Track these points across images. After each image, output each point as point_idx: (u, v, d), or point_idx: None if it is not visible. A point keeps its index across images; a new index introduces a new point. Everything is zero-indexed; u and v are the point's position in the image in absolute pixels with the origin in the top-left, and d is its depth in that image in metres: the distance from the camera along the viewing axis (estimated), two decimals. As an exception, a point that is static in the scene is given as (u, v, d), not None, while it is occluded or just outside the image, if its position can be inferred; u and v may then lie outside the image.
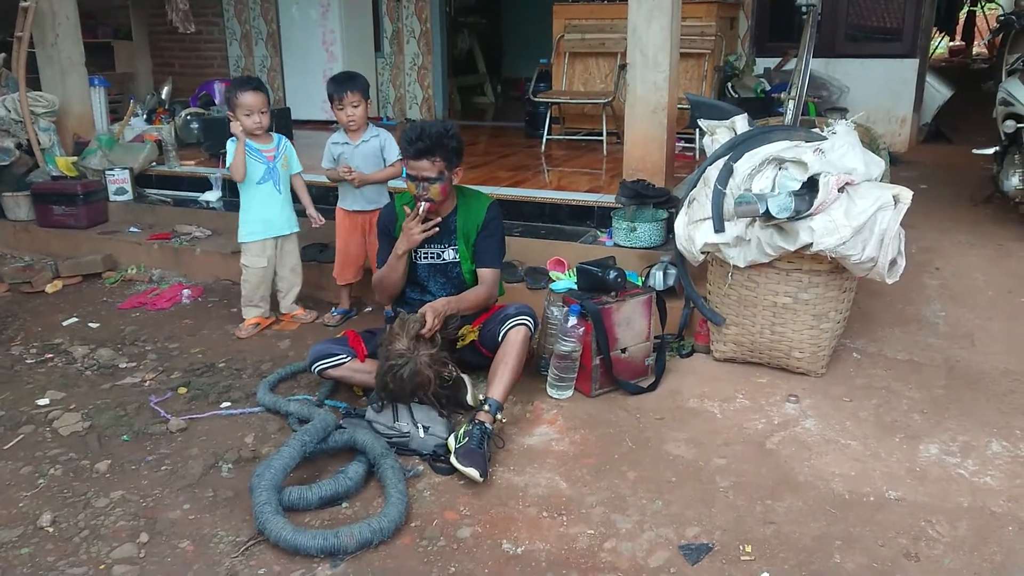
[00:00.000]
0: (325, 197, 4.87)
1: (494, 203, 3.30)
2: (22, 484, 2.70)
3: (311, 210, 4.07)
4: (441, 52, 8.26)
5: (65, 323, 4.16)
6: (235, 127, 3.76)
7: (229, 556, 2.32)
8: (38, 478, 2.73)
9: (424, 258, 3.29)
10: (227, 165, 3.87)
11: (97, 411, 3.20)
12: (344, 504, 2.56)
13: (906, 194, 2.99)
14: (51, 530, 2.45)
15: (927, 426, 2.97)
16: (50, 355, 3.75)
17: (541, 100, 6.32)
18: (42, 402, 3.28)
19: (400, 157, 3.96)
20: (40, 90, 5.75)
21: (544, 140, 6.25)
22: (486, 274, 3.26)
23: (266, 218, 3.93)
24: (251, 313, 4.00)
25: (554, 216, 4.57)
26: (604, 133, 5.99)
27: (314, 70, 7.85)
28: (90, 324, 4.14)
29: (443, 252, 3.28)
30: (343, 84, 3.83)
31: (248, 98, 3.75)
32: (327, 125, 7.72)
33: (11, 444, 2.96)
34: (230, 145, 3.84)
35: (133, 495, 2.63)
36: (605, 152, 5.91)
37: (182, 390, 3.38)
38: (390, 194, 3.99)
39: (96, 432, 3.04)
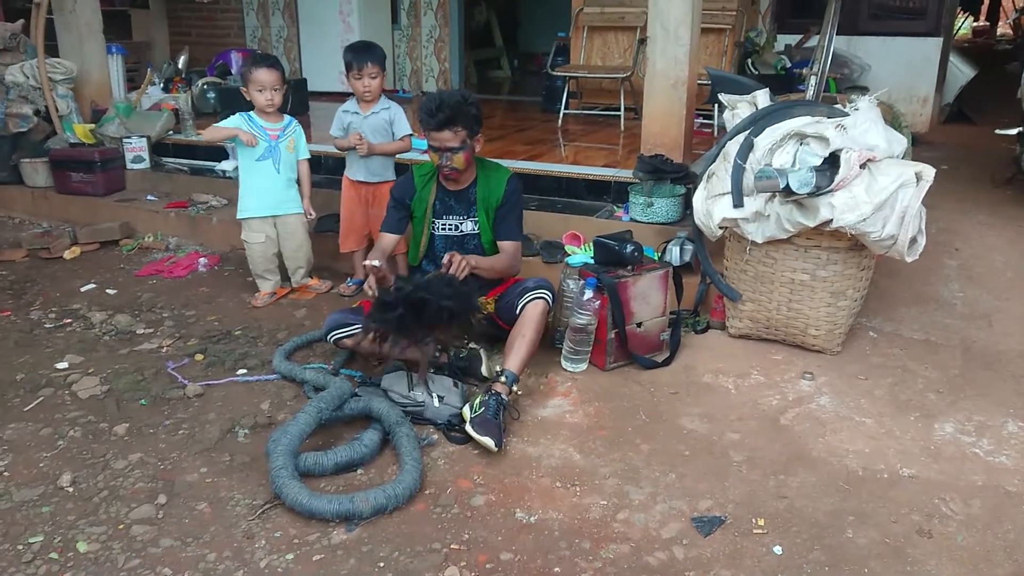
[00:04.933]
0: (340, 168, 4.87)
1: (513, 175, 3.29)
2: (42, 445, 2.73)
3: (305, 202, 4.00)
4: (458, 25, 8.21)
5: (83, 289, 4.19)
6: (247, 135, 3.76)
7: (246, 519, 2.35)
8: (58, 440, 2.77)
9: (441, 229, 3.29)
10: (213, 125, 3.90)
11: (115, 375, 3.22)
12: (359, 471, 2.59)
13: (929, 172, 2.96)
14: (71, 490, 2.48)
15: (942, 405, 2.96)
16: (68, 320, 3.78)
17: (559, 74, 6.28)
18: (61, 366, 3.31)
19: (409, 132, 3.95)
20: (58, 57, 5.75)
21: (561, 115, 6.21)
22: (507, 246, 3.27)
23: (262, 196, 3.91)
24: (263, 285, 4.01)
25: (570, 190, 4.55)
26: (622, 108, 5.95)
27: (331, 41, 7.81)
28: (108, 290, 4.17)
29: (462, 224, 3.27)
30: (362, 54, 3.79)
31: (262, 75, 3.73)
32: (343, 97, 7.67)
33: (31, 406, 2.99)
34: (236, 117, 3.83)
35: (151, 458, 2.66)
36: (622, 127, 5.88)
37: (199, 356, 3.40)
38: (396, 168, 3.99)
39: (114, 396, 3.07)
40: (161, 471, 2.59)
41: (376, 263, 2.95)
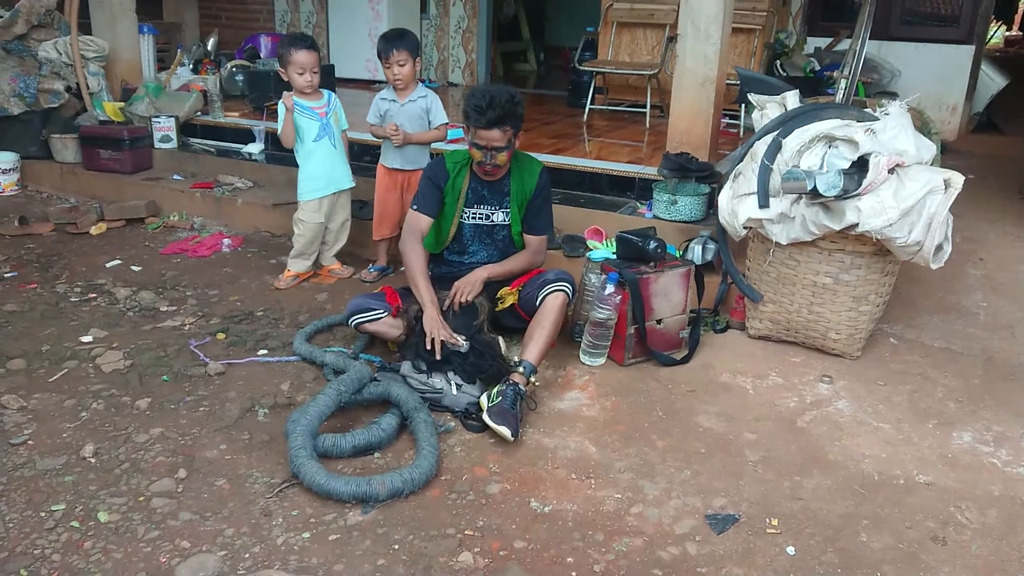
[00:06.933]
0: (364, 154, 4.89)
1: (544, 168, 3.30)
2: (66, 416, 2.78)
3: None
4: (487, 16, 8.20)
5: (108, 265, 4.23)
6: (286, 99, 3.79)
7: (264, 496, 2.38)
8: (81, 411, 2.81)
9: (471, 218, 3.29)
10: (279, 131, 3.90)
11: (138, 351, 3.26)
12: (376, 454, 2.61)
13: (957, 179, 2.94)
14: (93, 461, 2.52)
15: (961, 414, 2.95)
16: (94, 295, 3.83)
17: (586, 68, 6.27)
18: (86, 339, 3.36)
19: (445, 121, 3.95)
20: (91, 35, 5.80)
21: (587, 110, 6.20)
22: (534, 241, 3.30)
23: (325, 174, 3.96)
24: (299, 266, 4.04)
25: (594, 185, 4.55)
26: (648, 105, 5.94)
27: (359, 28, 7.84)
28: (132, 267, 4.22)
29: (492, 214, 3.28)
30: (391, 42, 3.80)
31: (302, 56, 3.76)
32: (370, 84, 7.72)
33: (56, 377, 3.04)
34: (282, 109, 3.86)
35: (172, 433, 2.70)
36: (648, 124, 5.86)
37: (221, 335, 3.44)
38: (431, 156, 3.99)
39: (137, 371, 3.11)
40: (181, 446, 2.63)
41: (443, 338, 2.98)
